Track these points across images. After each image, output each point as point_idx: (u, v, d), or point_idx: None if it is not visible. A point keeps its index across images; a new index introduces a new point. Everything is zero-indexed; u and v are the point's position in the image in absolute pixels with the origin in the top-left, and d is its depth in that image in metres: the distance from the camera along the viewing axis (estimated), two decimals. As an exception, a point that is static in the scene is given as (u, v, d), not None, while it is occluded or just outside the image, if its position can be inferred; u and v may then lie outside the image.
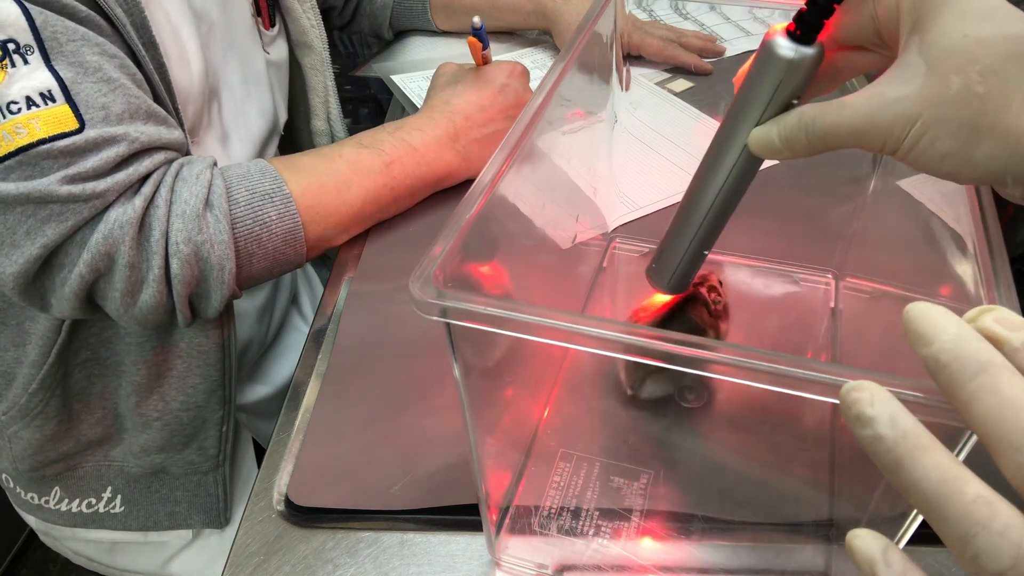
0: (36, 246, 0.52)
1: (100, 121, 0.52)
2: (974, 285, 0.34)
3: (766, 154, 0.36)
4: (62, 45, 0.51)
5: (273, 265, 0.61)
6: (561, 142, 0.50)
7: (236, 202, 0.58)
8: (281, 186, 0.60)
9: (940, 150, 0.31)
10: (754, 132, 0.36)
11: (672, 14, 1.05)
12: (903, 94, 0.31)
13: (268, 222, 0.59)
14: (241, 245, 0.58)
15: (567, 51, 0.48)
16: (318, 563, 0.47)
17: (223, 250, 0.57)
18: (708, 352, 0.29)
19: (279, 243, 0.60)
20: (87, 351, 0.67)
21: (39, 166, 0.51)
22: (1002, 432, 0.21)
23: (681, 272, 0.45)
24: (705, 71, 0.93)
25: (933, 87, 0.31)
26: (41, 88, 0.50)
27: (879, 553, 0.22)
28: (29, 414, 0.67)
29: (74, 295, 0.55)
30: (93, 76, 0.52)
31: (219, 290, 0.58)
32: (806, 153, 0.35)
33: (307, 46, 0.82)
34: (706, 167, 0.40)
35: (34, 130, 0.50)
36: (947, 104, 0.30)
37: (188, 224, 0.55)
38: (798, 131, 0.34)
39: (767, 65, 0.35)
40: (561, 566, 0.47)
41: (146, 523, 0.75)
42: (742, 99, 0.36)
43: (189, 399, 0.69)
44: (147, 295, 0.55)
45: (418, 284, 0.31)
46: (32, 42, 0.50)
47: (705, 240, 0.43)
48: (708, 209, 0.41)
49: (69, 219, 0.52)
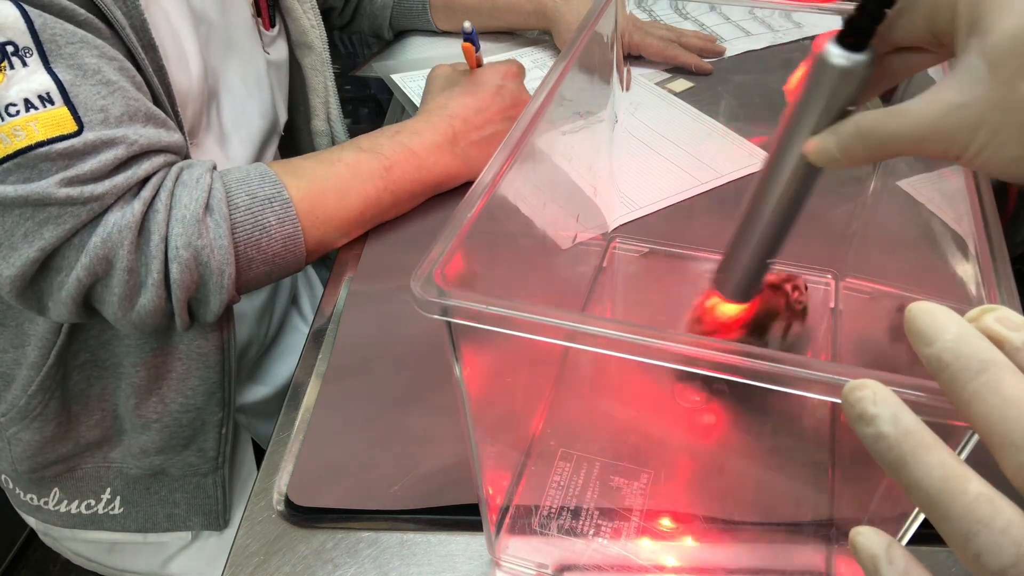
0: (34, 249, 0.52)
1: (99, 124, 0.52)
2: (975, 285, 0.34)
3: (823, 163, 0.36)
4: (61, 48, 0.50)
5: (272, 269, 0.61)
6: (561, 142, 0.50)
7: (236, 207, 0.58)
8: (281, 191, 0.60)
9: (1009, 155, 0.30)
10: (811, 142, 0.36)
11: (672, 14, 1.05)
12: (966, 100, 0.30)
13: (268, 227, 0.59)
14: (241, 250, 0.58)
15: (568, 51, 0.48)
16: (318, 563, 0.47)
17: (223, 255, 0.56)
18: (709, 352, 0.29)
19: (279, 248, 0.60)
20: (86, 353, 0.67)
21: (37, 168, 0.50)
22: (1004, 431, 0.21)
23: (745, 281, 0.44)
24: (705, 71, 0.93)
25: (996, 91, 0.30)
26: (40, 90, 0.50)
27: (882, 550, 0.22)
28: (28, 416, 0.67)
29: (71, 299, 0.54)
30: (92, 79, 0.52)
31: (218, 295, 0.58)
32: (864, 161, 0.34)
33: (307, 46, 0.82)
34: (765, 177, 0.39)
35: (32, 132, 0.50)
36: (1013, 109, 0.29)
37: (188, 229, 0.55)
38: (856, 140, 0.34)
39: (820, 74, 0.34)
40: (561, 566, 0.47)
41: (145, 524, 0.75)
42: (797, 109, 0.36)
43: (188, 401, 0.69)
44: (145, 300, 0.55)
45: (420, 283, 0.31)
46: (31, 44, 0.49)
47: (769, 249, 0.42)
48: (769, 219, 0.40)
49: (67, 222, 0.52)
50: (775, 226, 0.41)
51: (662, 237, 0.67)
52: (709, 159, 0.78)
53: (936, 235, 0.42)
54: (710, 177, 0.75)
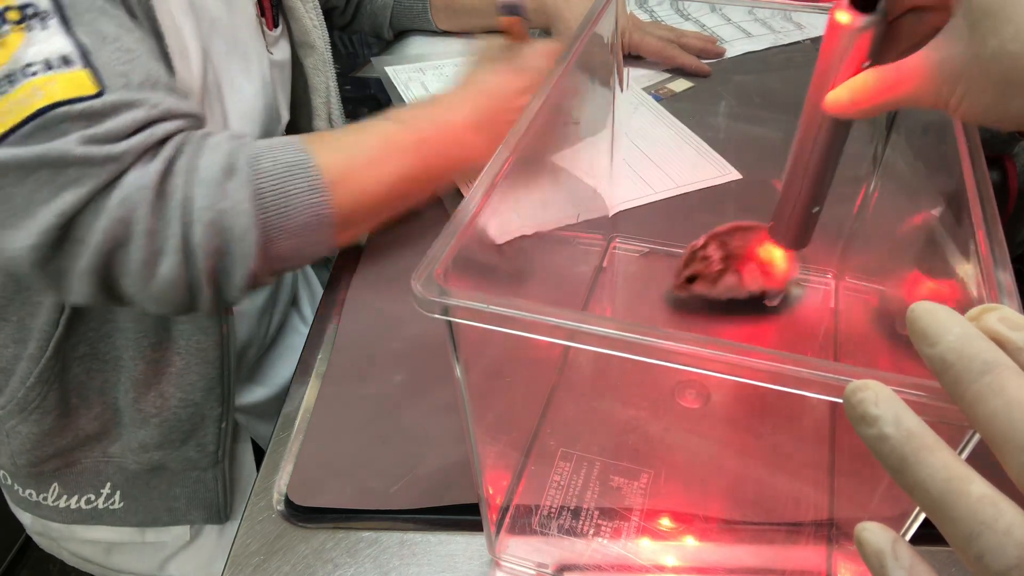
0: (52, 214, 0.50)
1: (120, 87, 0.51)
2: (975, 285, 0.34)
3: (838, 112, 0.40)
4: (81, 14, 0.50)
5: (300, 245, 0.58)
6: (562, 141, 0.50)
7: (261, 171, 0.56)
8: (308, 158, 0.58)
9: (982, 104, 0.34)
10: (829, 95, 0.40)
11: (673, 15, 1.05)
12: (949, 55, 0.34)
13: (294, 194, 0.56)
14: (265, 217, 0.55)
15: (568, 51, 0.48)
16: (318, 563, 0.46)
17: (246, 219, 0.54)
18: (710, 352, 0.29)
19: (307, 217, 0.57)
20: (85, 345, 0.67)
21: (57, 129, 0.50)
22: (1008, 432, 0.21)
23: (795, 229, 0.48)
24: (703, 73, 0.93)
25: (972, 47, 0.34)
26: (60, 52, 0.49)
27: (888, 546, 0.22)
28: (27, 408, 0.67)
29: (93, 270, 0.52)
30: (112, 45, 0.51)
31: (243, 264, 0.55)
32: (874, 112, 0.38)
33: (309, 46, 0.81)
34: (800, 135, 0.44)
35: (52, 92, 0.49)
36: (983, 63, 0.33)
37: (210, 190, 0.53)
38: (863, 93, 0.38)
39: (833, 36, 0.38)
40: (561, 566, 0.47)
41: (145, 519, 0.75)
42: (819, 67, 0.40)
43: (187, 396, 0.69)
44: (166, 267, 0.53)
45: (420, 282, 0.31)
46: (51, 8, 0.49)
47: (812, 199, 0.46)
48: (806, 171, 0.44)
49: (86, 184, 0.50)
50: (813, 177, 0.45)
51: (662, 237, 0.67)
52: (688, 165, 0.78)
53: (936, 235, 0.42)
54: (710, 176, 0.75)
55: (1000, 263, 0.33)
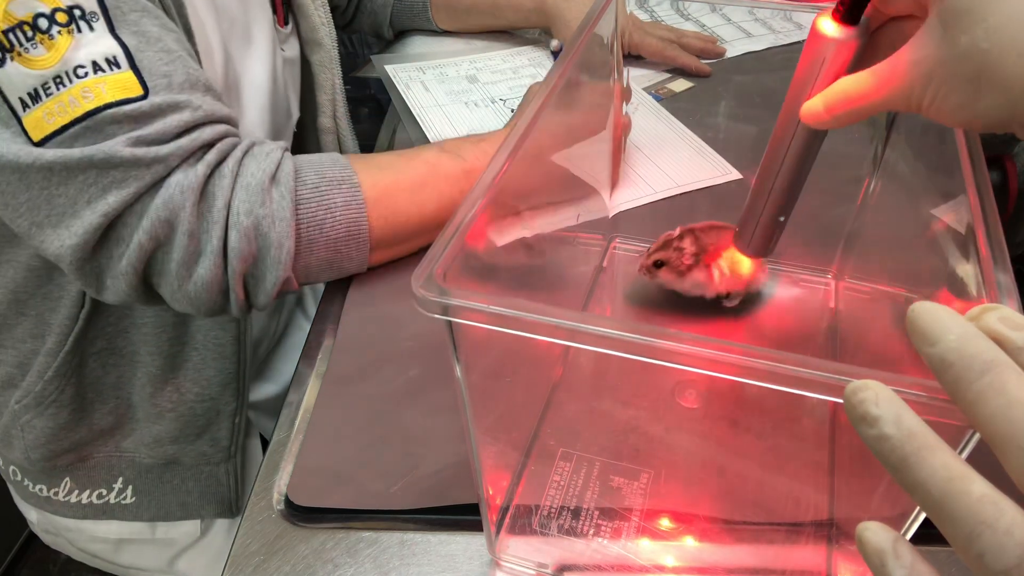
0: (97, 215, 0.51)
1: (163, 88, 0.52)
2: (975, 285, 0.34)
3: (813, 123, 0.39)
4: (125, 15, 0.51)
5: (334, 258, 0.59)
6: (562, 141, 0.50)
7: (303, 183, 0.57)
8: (351, 175, 0.59)
9: (953, 103, 0.34)
10: (805, 105, 0.39)
11: (673, 15, 1.05)
12: (920, 56, 0.34)
13: (333, 207, 0.58)
14: (303, 228, 0.57)
15: (568, 51, 0.48)
16: (318, 563, 0.46)
17: (283, 227, 0.55)
18: (711, 352, 0.29)
19: (342, 232, 0.59)
20: (103, 340, 0.67)
21: (105, 131, 0.51)
22: (1009, 432, 0.21)
23: (759, 238, 0.48)
24: (703, 73, 0.93)
25: (942, 48, 0.33)
26: (107, 54, 0.50)
27: (889, 545, 0.22)
28: (43, 402, 0.67)
29: (132, 270, 0.53)
30: (155, 46, 0.52)
31: (275, 271, 0.56)
32: (848, 121, 0.38)
33: (317, 43, 0.82)
34: (773, 142, 0.43)
35: (101, 94, 0.50)
36: (955, 61, 0.33)
37: (252, 196, 0.54)
38: (838, 99, 0.38)
39: (814, 45, 0.38)
40: (561, 566, 0.47)
41: (157, 514, 0.75)
42: (797, 77, 0.40)
43: (204, 391, 0.69)
44: (203, 268, 0.54)
45: (421, 282, 0.31)
46: (97, 9, 0.50)
47: (779, 208, 0.46)
48: (775, 180, 0.44)
49: (131, 185, 0.51)
50: (782, 187, 0.44)
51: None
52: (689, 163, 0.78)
53: (936, 235, 0.42)
54: (710, 175, 0.75)
55: (1000, 263, 0.33)
